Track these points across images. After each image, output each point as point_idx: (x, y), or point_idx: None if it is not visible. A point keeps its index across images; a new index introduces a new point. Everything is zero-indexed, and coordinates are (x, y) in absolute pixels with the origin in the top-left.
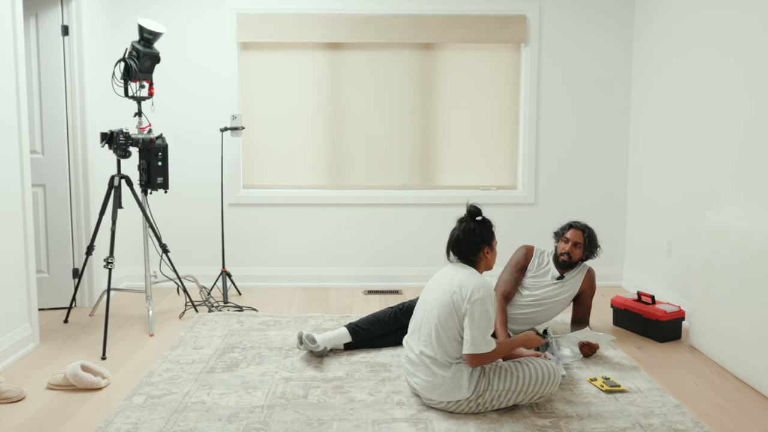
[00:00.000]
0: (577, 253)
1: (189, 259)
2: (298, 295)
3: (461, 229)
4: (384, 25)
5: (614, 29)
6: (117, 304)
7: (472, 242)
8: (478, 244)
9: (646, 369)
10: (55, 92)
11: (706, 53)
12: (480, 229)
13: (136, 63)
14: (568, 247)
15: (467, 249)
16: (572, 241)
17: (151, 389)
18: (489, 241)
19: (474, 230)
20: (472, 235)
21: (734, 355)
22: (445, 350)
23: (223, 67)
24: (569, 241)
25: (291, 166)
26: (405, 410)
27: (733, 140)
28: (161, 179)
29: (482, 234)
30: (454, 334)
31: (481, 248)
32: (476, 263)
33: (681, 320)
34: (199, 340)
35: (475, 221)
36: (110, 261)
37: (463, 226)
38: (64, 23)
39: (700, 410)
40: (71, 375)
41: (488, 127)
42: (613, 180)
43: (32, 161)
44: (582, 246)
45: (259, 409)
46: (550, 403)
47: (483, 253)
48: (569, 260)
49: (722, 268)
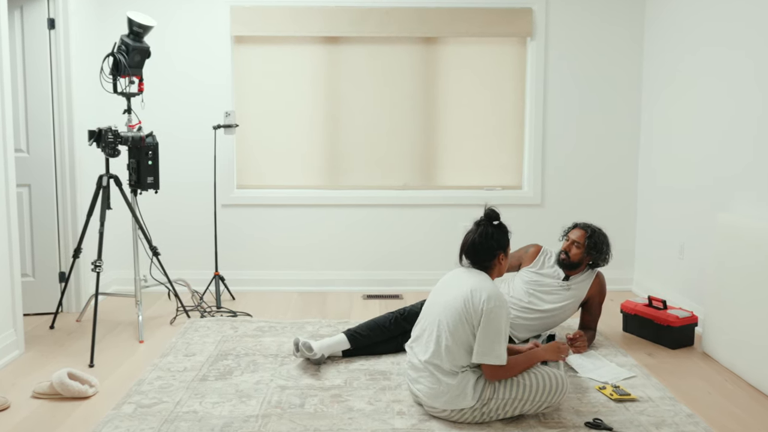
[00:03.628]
0: (575, 253)
1: (180, 262)
2: (294, 300)
3: (478, 233)
4: (384, 18)
5: (624, 23)
6: (105, 310)
7: (489, 247)
8: (495, 249)
9: (657, 376)
10: (40, 88)
11: (719, 50)
12: (497, 234)
13: (126, 58)
14: (566, 245)
15: (483, 254)
16: (572, 240)
17: (140, 398)
18: (504, 248)
19: (492, 235)
20: (489, 240)
21: (749, 362)
22: (452, 357)
23: (216, 61)
24: (569, 240)
25: (287, 165)
26: (406, 420)
27: (746, 139)
28: (151, 179)
29: (499, 239)
30: (463, 342)
31: (497, 254)
32: (490, 269)
33: (693, 326)
34: (191, 347)
35: (493, 225)
36: (98, 264)
37: (480, 230)
38: (50, 16)
39: (713, 420)
40: (58, 383)
41: (492, 125)
42: (622, 181)
43: (17, 160)
44: (582, 246)
45: (254, 418)
46: (557, 413)
47: (498, 260)
48: (567, 260)
49: (736, 271)
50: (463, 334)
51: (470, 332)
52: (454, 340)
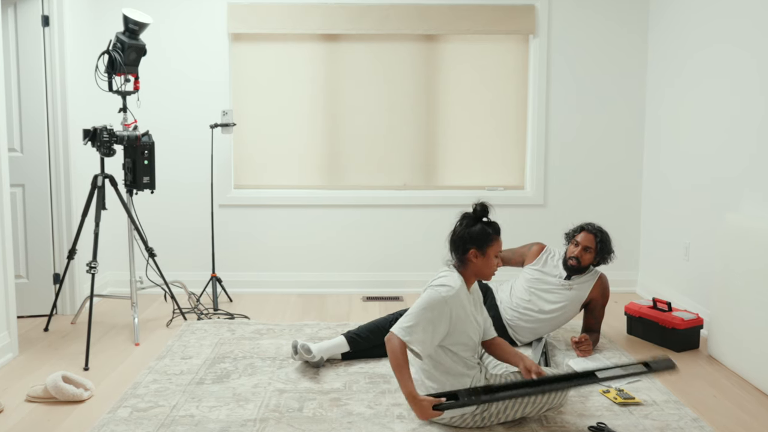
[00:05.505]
0: (587, 258)
1: (177, 263)
2: (292, 302)
3: (457, 224)
4: (383, 15)
5: (628, 20)
6: (100, 312)
7: (459, 239)
8: (466, 243)
9: (661, 380)
10: (35, 86)
11: (725, 48)
12: (476, 231)
13: (121, 55)
14: (577, 251)
15: (453, 246)
16: (582, 245)
17: (136, 402)
18: (480, 245)
19: (466, 227)
20: (462, 231)
21: (755, 365)
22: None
23: (213, 59)
24: (579, 245)
25: (285, 165)
26: (406, 424)
27: (751, 138)
28: (147, 179)
29: (475, 236)
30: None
31: (468, 249)
32: (465, 265)
33: (699, 328)
34: (187, 350)
35: (474, 219)
36: (93, 266)
37: (458, 221)
38: (44, 13)
39: (719, 424)
40: (52, 387)
41: (494, 124)
42: (626, 181)
43: (10, 160)
44: (593, 251)
45: (252, 422)
46: (560, 416)
47: (470, 256)
48: (578, 265)
49: (742, 272)
50: None
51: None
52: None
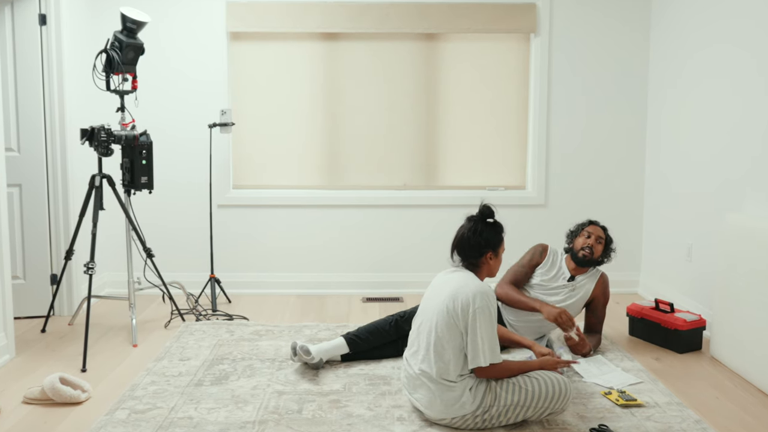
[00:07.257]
0: (599, 249)
1: (175, 264)
2: (291, 303)
3: (468, 229)
4: (383, 13)
5: (630, 19)
6: (98, 313)
7: (476, 244)
8: (482, 247)
9: (664, 381)
10: (31, 86)
11: (727, 48)
12: (488, 232)
13: (119, 54)
14: (591, 241)
15: (469, 251)
16: (595, 235)
17: (134, 403)
18: (495, 247)
19: (481, 232)
20: (477, 237)
21: (758, 366)
22: (445, 365)
23: (212, 58)
24: (591, 236)
25: (284, 164)
26: (406, 426)
27: (754, 139)
28: (145, 179)
29: (488, 238)
30: (454, 347)
31: (485, 253)
32: (478, 267)
33: (702, 330)
34: (185, 351)
35: (485, 223)
36: (91, 266)
37: (470, 226)
38: (41, 12)
39: (722, 426)
40: (49, 388)
41: (495, 123)
42: (628, 181)
43: (7, 159)
44: (603, 243)
45: (250, 424)
46: (561, 418)
47: (486, 258)
48: (591, 255)
49: (746, 273)
50: (453, 339)
51: (461, 336)
52: (446, 345)
